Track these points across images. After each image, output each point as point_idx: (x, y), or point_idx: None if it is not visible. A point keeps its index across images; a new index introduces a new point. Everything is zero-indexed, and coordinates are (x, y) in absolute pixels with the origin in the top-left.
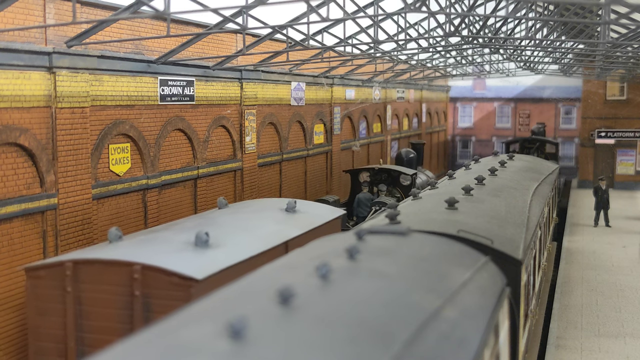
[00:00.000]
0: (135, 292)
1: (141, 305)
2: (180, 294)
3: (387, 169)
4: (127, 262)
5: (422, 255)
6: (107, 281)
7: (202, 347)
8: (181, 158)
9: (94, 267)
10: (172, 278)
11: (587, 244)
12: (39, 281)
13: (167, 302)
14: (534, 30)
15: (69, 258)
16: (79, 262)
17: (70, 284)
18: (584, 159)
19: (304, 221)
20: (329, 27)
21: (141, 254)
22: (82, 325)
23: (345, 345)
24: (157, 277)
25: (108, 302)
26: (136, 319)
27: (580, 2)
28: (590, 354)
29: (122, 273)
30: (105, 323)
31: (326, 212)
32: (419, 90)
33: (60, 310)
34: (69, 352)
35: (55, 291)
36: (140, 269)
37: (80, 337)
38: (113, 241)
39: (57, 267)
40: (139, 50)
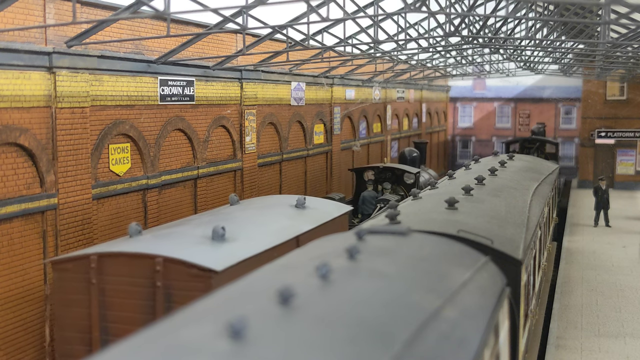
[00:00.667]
0: (157, 284)
1: (163, 296)
2: (200, 284)
3: (392, 168)
4: (150, 254)
5: (422, 255)
6: (130, 273)
7: (202, 347)
8: (181, 158)
9: (117, 260)
10: (193, 270)
11: (587, 244)
12: (65, 274)
13: (188, 293)
14: (534, 30)
15: (93, 251)
16: (104, 255)
17: (95, 276)
18: (584, 159)
19: (313, 217)
20: (329, 27)
21: (162, 247)
22: (106, 315)
23: (345, 345)
24: (178, 269)
25: (131, 293)
26: (158, 309)
27: (580, 2)
28: (590, 354)
29: (144, 265)
30: (128, 313)
31: (334, 209)
32: (419, 90)
33: (85, 301)
34: (93, 342)
35: (81, 283)
36: (162, 262)
37: (104, 327)
38: (133, 235)
39: (82, 260)
40: (139, 50)
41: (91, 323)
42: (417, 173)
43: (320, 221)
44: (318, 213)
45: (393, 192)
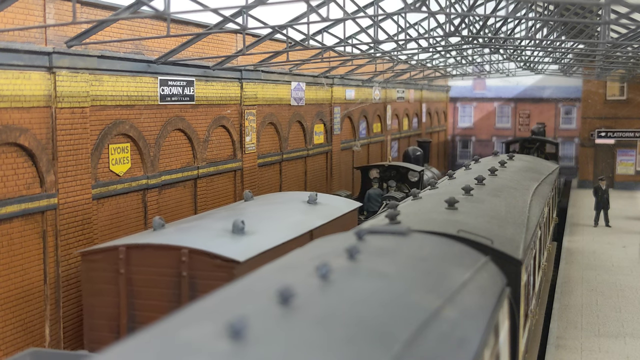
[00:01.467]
0: (182, 273)
1: (188, 285)
2: (223, 274)
3: (396, 166)
4: (176, 246)
5: (422, 255)
6: (157, 264)
7: (202, 347)
8: (181, 158)
9: (145, 251)
10: (216, 261)
11: (587, 244)
12: (94, 264)
13: (212, 282)
14: (534, 30)
15: (121, 243)
16: (131, 247)
17: (123, 266)
18: (584, 159)
19: (325, 212)
20: (329, 27)
21: (187, 239)
22: (134, 304)
23: (345, 345)
24: (202, 259)
25: (157, 283)
26: (183, 297)
27: (580, 2)
28: (590, 354)
29: (170, 256)
30: (154, 302)
31: (344, 205)
32: (419, 90)
33: (113, 291)
34: (121, 329)
35: (109, 273)
36: (188, 253)
37: (131, 314)
38: (157, 229)
39: (111, 252)
40: (139, 50)
41: (119, 311)
42: (421, 171)
43: (331, 216)
44: (329, 209)
45: (398, 190)
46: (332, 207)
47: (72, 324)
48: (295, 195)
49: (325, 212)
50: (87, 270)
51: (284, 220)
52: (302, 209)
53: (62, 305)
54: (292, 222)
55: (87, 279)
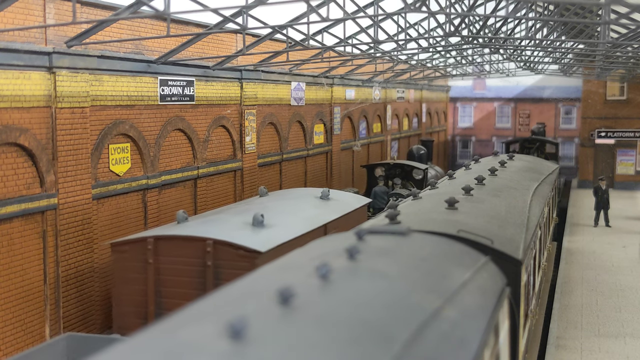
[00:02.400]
0: (207, 263)
1: (212, 274)
2: (246, 264)
3: (401, 164)
4: (201, 237)
5: (422, 255)
6: (183, 254)
7: (202, 347)
8: (181, 158)
9: (172, 242)
10: (240, 251)
11: (587, 244)
12: (124, 255)
13: (235, 272)
14: (534, 30)
15: (149, 235)
16: (159, 238)
17: (151, 256)
18: (584, 159)
19: (337, 207)
20: (329, 27)
21: (211, 231)
22: (161, 291)
23: (345, 346)
24: (226, 250)
25: (184, 272)
26: (208, 286)
27: (580, 2)
28: (590, 354)
29: (196, 247)
30: (181, 289)
31: (354, 200)
32: (419, 90)
33: (142, 279)
34: (148, 315)
35: (138, 263)
36: (212, 243)
37: (158, 302)
38: (181, 222)
39: (140, 243)
40: (139, 50)
41: (147, 299)
42: (425, 169)
43: (343, 211)
44: (341, 204)
45: (403, 187)
46: (344, 202)
47: (72, 324)
48: (308, 191)
49: (338, 207)
50: (117, 260)
51: (300, 214)
52: (315, 204)
53: (62, 305)
54: (307, 216)
55: (116, 268)
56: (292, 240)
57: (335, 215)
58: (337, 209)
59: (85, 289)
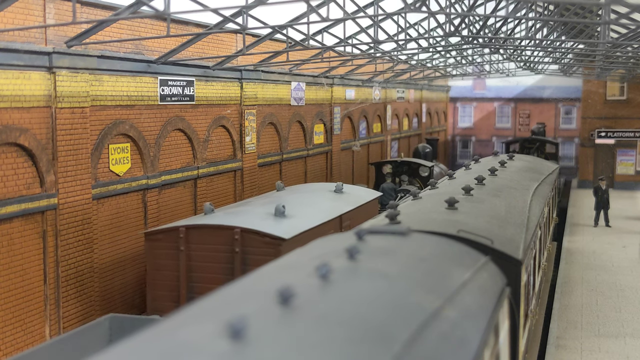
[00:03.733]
0: (235, 250)
1: (240, 259)
2: (272, 250)
3: (408, 162)
4: (229, 226)
5: (422, 255)
6: (212, 241)
7: (202, 347)
8: (181, 158)
9: (202, 231)
10: (265, 238)
11: (587, 244)
12: (157, 243)
13: (261, 257)
14: (534, 30)
15: (181, 224)
16: (190, 227)
17: (183, 244)
18: (584, 159)
19: (351, 200)
20: (329, 27)
21: (238, 221)
22: (192, 277)
23: (345, 346)
24: (253, 237)
25: (213, 258)
26: (236, 270)
27: (580, 2)
28: (590, 354)
29: (225, 235)
30: (210, 274)
31: (366, 194)
32: (419, 90)
33: (174, 266)
34: (180, 298)
35: (171, 250)
36: (240, 232)
37: (190, 286)
38: (208, 213)
39: (172, 232)
40: (139, 50)
41: (179, 283)
42: (431, 166)
43: (357, 204)
44: (354, 197)
45: (410, 184)
46: (357, 195)
47: (72, 324)
48: (322, 186)
49: (351, 200)
50: (151, 248)
51: (317, 206)
52: (330, 197)
53: (62, 305)
54: (324, 208)
55: (150, 256)
56: (312, 229)
57: (349, 207)
58: (350, 201)
59: (85, 289)
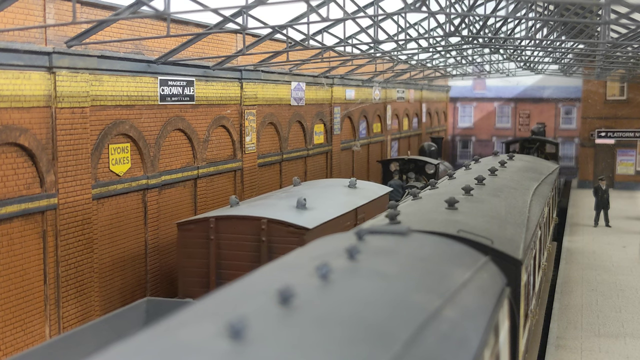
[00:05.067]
0: (262, 239)
1: (266, 248)
2: (296, 239)
3: (415, 159)
4: (256, 217)
5: (422, 255)
6: (240, 231)
7: (202, 347)
8: (181, 158)
9: (230, 221)
10: (290, 228)
11: (587, 244)
12: (188, 233)
13: (286, 246)
14: (534, 30)
15: (211, 215)
16: (220, 218)
17: (213, 234)
18: (584, 159)
19: (364, 194)
20: (329, 27)
21: (264, 212)
22: (221, 264)
23: (345, 346)
24: (279, 227)
25: (241, 247)
26: (262, 258)
27: (580, 2)
28: (590, 354)
29: (252, 225)
30: (238, 262)
31: (378, 189)
32: (419, 90)
33: (204, 254)
34: (210, 284)
35: (201, 240)
36: (266, 222)
37: (219, 272)
38: (233, 205)
39: (203, 222)
40: (139, 50)
41: (209, 270)
42: (437, 164)
43: (370, 198)
44: (367, 192)
45: (417, 181)
46: (369, 190)
47: (72, 324)
48: (337, 181)
49: (365, 194)
50: (182, 237)
51: (334, 200)
52: (345, 191)
53: (62, 305)
54: (340, 201)
55: (182, 244)
56: (332, 220)
57: (363, 201)
58: (364, 195)
59: (85, 289)
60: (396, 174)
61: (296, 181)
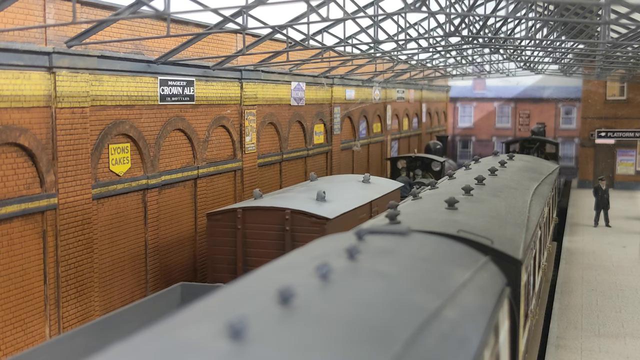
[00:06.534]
0: (286, 228)
1: (290, 237)
2: (318, 228)
3: (422, 157)
4: (280, 208)
5: (422, 255)
6: (266, 221)
7: (202, 347)
8: (181, 158)
9: (256, 212)
10: (312, 218)
11: (587, 244)
12: (217, 222)
13: (308, 235)
14: (534, 30)
15: (238, 206)
16: (246, 209)
17: (240, 223)
18: (584, 159)
19: (377, 189)
20: (329, 27)
21: (287, 204)
22: (247, 251)
23: (345, 346)
24: (301, 218)
25: (266, 236)
26: (286, 246)
27: (580, 2)
28: (590, 354)
29: (277, 215)
30: (264, 249)
31: (390, 184)
32: (419, 90)
33: (232, 242)
34: (237, 270)
35: (229, 229)
36: (290, 213)
37: (245, 260)
38: (257, 198)
39: (231, 213)
40: (139, 50)
41: (236, 257)
42: (443, 161)
43: (383, 192)
44: (380, 187)
45: (423, 177)
46: (382, 185)
47: (72, 324)
48: (352, 177)
49: (378, 189)
50: (211, 227)
51: (350, 194)
52: (360, 186)
53: (62, 305)
54: (356, 195)
55: (211, 233)
56: (350, 211)
57: (377, 195)
58: (377, 190)
59: (85, 289)
60: (403, 171)
61: (313, 176)
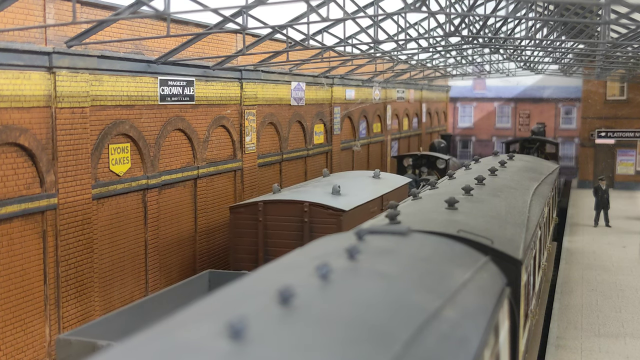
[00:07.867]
0: (304, 220)
1: (308, 228)
2: (334, 220)
3: (427, 155)
4: (299, 201)
5: (422, 255)
6: (285, 213)
7: (202, 347)
8: (181, 158)
9: (276, 205)
10: (329, 211)
11: (587, 244)
12: (239, 215)
13: (325, 226)
14: (534, 30)
15: (259, 200)
16: (267, 202)
17: (261, 216)
18: (584, 159)
19: (387, 184)
20: (329, 27)
21: (306, 197)
22: (268, 242)
23: (345, 346)
24: (319, 210)
25: (286, 227)
26: (305, 237)
27: (580, 2)
28: (590, 354)
29: (296, 208)
30: (283, 240)
31: (399, 180)
32: (419, 90)
33: (253, 234)
34: (259, 260)
35: (251, 221)
36: (308, 205)
37: (266, 250)
38: (276, 192)
39: (252, 206)
40: (139, 50)
41: (257, 247)
42: (448, 159)
43: (393, 187)
44: (390, 182)
45: (428, 175)
46: (392, 181)
47: (72, 324)
48: (363, 173)
49: (388, 184)
50: (234, 219)
51: (363, 188)
52: (371, 181)
53: (62, 305)
54: (369, 189)
55: (233, 225)
56: (364, 204)
57: (388, 189)
58: (388, 185)
59: (85, 289)
60: (409, 168)
61: (326, 172)
